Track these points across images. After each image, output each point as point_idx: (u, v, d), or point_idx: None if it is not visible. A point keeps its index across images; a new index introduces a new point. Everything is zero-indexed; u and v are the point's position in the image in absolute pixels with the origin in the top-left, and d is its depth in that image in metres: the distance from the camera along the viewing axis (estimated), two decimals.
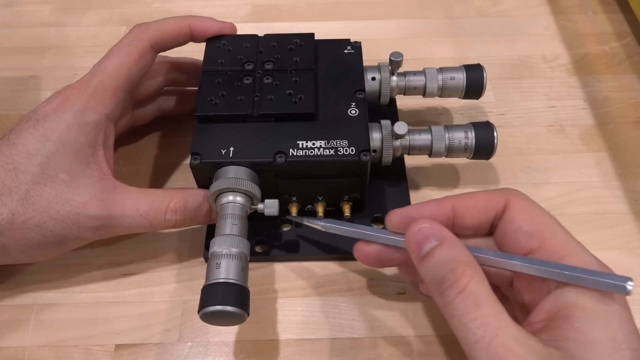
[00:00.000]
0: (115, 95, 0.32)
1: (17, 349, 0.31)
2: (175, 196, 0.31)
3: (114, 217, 0.30)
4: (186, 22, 0.34)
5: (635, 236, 0.35)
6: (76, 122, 0.30)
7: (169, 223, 0.31)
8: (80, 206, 0.29)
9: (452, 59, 0.45)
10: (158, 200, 0.31)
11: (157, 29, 0.34)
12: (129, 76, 0.32)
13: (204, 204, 0.32)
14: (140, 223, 0.31)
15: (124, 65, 0.32)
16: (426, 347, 0.31)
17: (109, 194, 0.30)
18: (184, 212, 0.31)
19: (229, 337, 0.32)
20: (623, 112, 0.42)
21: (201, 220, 0.33)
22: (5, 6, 0.51)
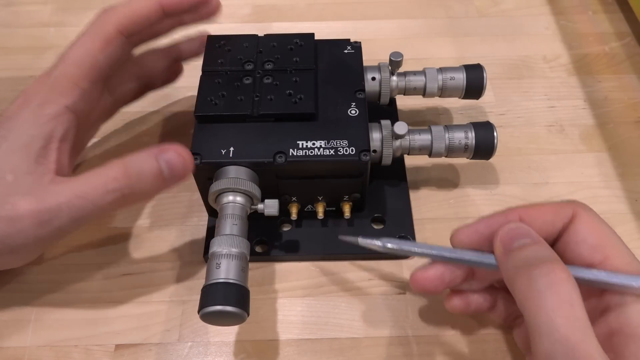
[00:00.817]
0: (77, 86, 0.30)
1: (17, 349, 0.31)
2: (112, 165, 0.28)
3: (49, 209, 0.27)
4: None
5: (635, 236, 0.35)
6: (32, 115, 0.28)
7: (112, 195, 0.27)
8: (12, 209, 0.27)
9: (452, 59, 0.45)
10: (94, 175, 0.28)
11: (123, 11, 0.31)
12: (94, 65, 0.30)
13: (147, 162, 0.28)
14: (80, 205, 0.27)
15: (87, 54, 0.30)
16: (426, 347, 0.31)
17: (45, 187, 0.27)
18: (126, 176, 0.27)
19: (229, 337, 0.32)
20: (623, 112, 0.42)
21: (151, 184, 0.28)
22: (5, 6, 0.51)
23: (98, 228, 0.36)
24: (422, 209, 0.36)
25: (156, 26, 0.33)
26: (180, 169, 0.28)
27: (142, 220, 0.36)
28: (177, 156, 0.28)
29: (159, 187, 0.29)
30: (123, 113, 0.41)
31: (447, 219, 0.36)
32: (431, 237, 0.35)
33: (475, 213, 0.36)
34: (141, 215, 0.36)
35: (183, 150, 0.29)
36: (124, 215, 0.36)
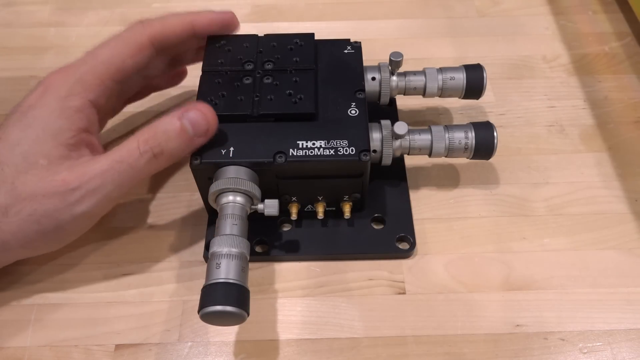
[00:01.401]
0: (102, 83, 0.31)
1: (17, 349, 0.31)
2: (142, 130, 0.30)
3: (94, 177, 0.29)
4: (188, 18, 0.34)
5: (635, 236, 0.35)
6: (58, 106, 0.30)
7: (145, 156, 0.29)
8: (61, 184, 0.29)
9: (452, 59, 0.45)
10: (127, 142, 0.30)
11: (158, 25, 0.33)
12: (121, 68, 0.32)
13: (171, 123, 0.30)
14: (121, 170, 0.29)
15: (118, 56, 0.32)
16: (425, 348, 0.31)
17: (86, 163, 0.29)
18: (154, 138, 0.30)
19: (229, 337, 0.32)
20: (623, 112, 0.42)
21: (177, 141, 0.30)
22: (5, 6, 0.51)
23: (98, 228, 0.36)
24: (422, 209, 0.36)
25: (184, 44, 0.36)
26: (203, 126, 0.30)
27: (142, 220, 0.36)
28: (199, 114, 0.30)
29: (187, 145, 0.30)
30: (124, 113, 0.41)
31: (447, 219, 0.36)
32: (431, 237, 0.35)
33: (475, 213, 0.36)
34: (141, 215, 0.36)
35: (205, 107, 0.31)
36: (124, 215, 0.36)
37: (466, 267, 0.34)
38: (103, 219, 0.36)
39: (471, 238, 0.35)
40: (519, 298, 0.32)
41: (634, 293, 0.33)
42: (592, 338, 0.31)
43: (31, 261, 0.34)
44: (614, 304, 0.32)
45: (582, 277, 0.33)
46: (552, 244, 0.35)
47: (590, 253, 0.34)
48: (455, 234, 0.35)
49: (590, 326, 0.31)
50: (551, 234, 0.35)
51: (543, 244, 0.35)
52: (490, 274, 0.33)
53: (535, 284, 0.33)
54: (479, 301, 0.32)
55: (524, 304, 0.32)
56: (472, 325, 0.32)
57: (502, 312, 0.32)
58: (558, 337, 0.31)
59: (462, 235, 0.35)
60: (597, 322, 0.32)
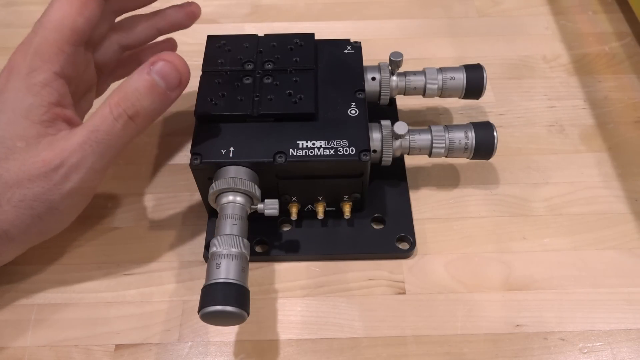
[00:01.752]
0: (62, 51, 0.29)
1: (17, 349, 0.31)
2: (112, 94, 0.29)
3: (74, 152, 0.28)
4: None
5: (635, 236, 0.35)
6: (23, 85, 0.29)
7: (121, 120, 0.28)
8: (42, 164, 0.28)
9: (452, 59, 0.45)
10: (100, 109, 0.29)
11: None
12: (74, 28, 0.30)
13: (140, 79, 0.28)
14: (98, 139, 0.28)
15: (66, 17, 0.30)
16: (425, 348, 0.31)
17: (63, 139, 0.28)
18: (126, 99, 0.28)
19: (229, 337, 0.32)
20: (623, 112, 0.42)
21: (151, 98, 0.28)
22: (5, 6, 0.51)
23: (98, 228, 0.36)
24: (422, 209, 0.36)
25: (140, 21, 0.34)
26: (174, 77, 0.28)
27: (142, 220, 0.36)
28: (168, 65, 0.28)
29: (161, 101, 0.29)
30: None
31: (447, 219, 0.36)
32: (431, 237, 0.35)
33: (475, 213, 0.36)
34: (141, 215, 0.36)
35: (173, 56, 0.29)
36: (124, 215, 0.36)
37: (466, 267, 0.34)
38: (103, 219, 0.36)
39: (471, 238, 0.35)
40: (519, 298, 0.32)
41: (634, 293, 0.33)
42: (592, 338, 0.31)
43: (31, 261, 0.34)
44: (614, 304, 0.32)
45: (582, 277, 0.33)
46: (552, 244, 0.35)
47: (590, 253, 0.34)
48: (455, 234, 0.35)
49: (590, 326, 0.31)
50: (551, 234, 0.35)
51: (543, 244, 0.35)
52: (490, 274, 0.33)
53: (535, 284, 0.33)
54: (479, 301, 0.32)
55: (524, 304, 0.32)
56: (472, 325, 0.32)
57: (502, 312, 0.32)
58: (558, 337, 0.31)
59: (462, 235, 0.35)
60: (597, 322, 0.32)
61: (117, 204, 0.37)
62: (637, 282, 0.33)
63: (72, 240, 0.35)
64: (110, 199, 0.37)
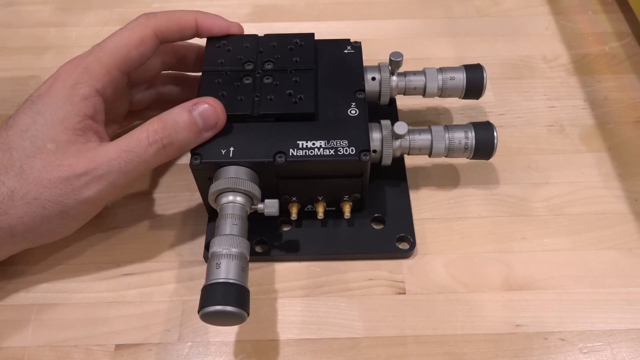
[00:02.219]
0: (108, 73, 0.32)
1: (17, 349, 0.31)
2: (152, 121, 0.31)
3: (101, 165, 0.29)
4: (193, 16, 0.35)
5: (635, 236, 0.35)
6: (65, 94, 0.30)
7: (154, 146, 0.30)
8: (67, 168, 0.29)
9: (452, 59, 0.45)
10: (137, 131, 0.30)
11: (163, 18, 0.34)
12: (127, 57, 0.32)
13: (181, 114, 0.31)
14: (128, 159, 0.30)
15: (123, 46, 0.32)
16: (425, 348, 0.31)
17: (94, 150, 0.30)
18: (164, 129, 0.30)
19: (229, 337, 0.32)
20: (623, 112, 0.42)
21: (187, 133, 0.31)
22: (5, 6, 0.51)
23: (98, 228, 0.36)
24: (422, 209, 0.36)
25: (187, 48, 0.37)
26: (212, 120, 0.31)
27: (142, 220, 0.36)
28: (209, 108, 0.31)
29: (195, 138, 0.31)
30: None
31: (447, 219, 0.36)
32: (431, 237, 0.35)
33: (475, 213, 0.36)
34: (141, 215, 0.36)
35: (214, 102, 0.31)
36: (124, 215, 0.36)
37: (466, 267, 0.34)
38: (103, 219, 0.36)
39: (471, 238, 0.35)
40: (519, 298, 0.32)
41: (634, 293, 0.33)
42: (592, 338, 0.31)
43: (31, 261, 0.34)
44: (614, 304, 0.32)
45: (582, 277, 0.33)
46: (552, 244, 0.35)
47: (590, 253, 0.34)
48: (455, 234, 0.35)
49: (590, 326, 0.31)
50: (551, 234, 0.35)
51: (543, 244, 0.35)
52: (490, 274, 0.33)
53: (535, 284, 0.33)
54: (479, 301, 0.32)
55: (524, 304, 0.32)
56: (472, 325, 0.32)
57: (502, 312, 0.32)
58: (558, 337, 0.31)
59: (462, 235, 0.35)
60: (597, 322, 0.32)
61: (117, 204, 0.37)
62: (637, 282, 0.33)
63: (72, 240, 0.35)
64: None
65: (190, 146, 0.31)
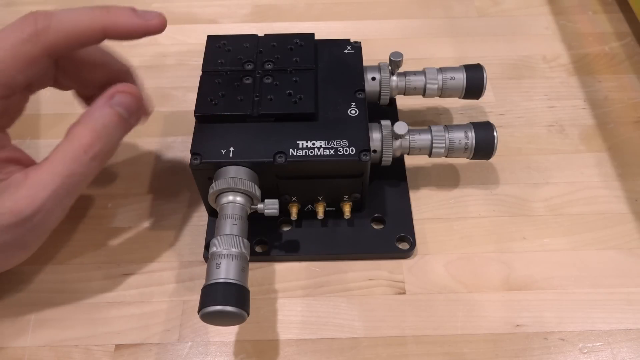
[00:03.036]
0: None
1: (17, 349, 0.31)
2: (78, 132, 0.28)
3: (48, 199, 0.27)
4: (100, 22, 0.28)
5: (635, 236, 0.35)
6: None
7: (97, 159, 0.28)
8: (10, 215, 0.26)
9: (452, 59, 0.45)
10: (68, 150, 0.27)
11: (62, 32, 0.28)
12: (10, 85, 0.27)
13: (106, 115, 0.28)
14: (73, 182, 0.27)
15: (4, 71, 0.27)
16: (425, 348, 0.31)
17: (26, 184, 0.27)
18: (99, 138, 0.28)
19: (229, 337, 0.32)
20: (623, 112, 0.42)
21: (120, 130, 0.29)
22: (5, 6, 0.51)
23: (98, 228, 0.36)
24: (422, 209, 0.36)
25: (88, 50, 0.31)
26: (134, 106, 0.30)
27: (142, 220, 0.36)
28: (125, 96, 0.29)
29: (127, 130, 0.30)
30: None
31: (447, 219, 0.36)
32: (431, 237, 0.35)
33: (475, 213, 0.36)
34: (141, 215, 0.36)
35: (128, 87, 0.30)
36: (124, 215, 0.36)
37: (466, 267, 0.34)
38: (103, 219, 0.36)
39: (471, 238, 0.35)
40: (519, 298, 0.32)
41: (634, 293, 0.33)
42: (592, 338, 0.31)
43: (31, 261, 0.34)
44: (614, 304, 0.32)
45: (582, 277, 0.33)
46: (552, 244, 0.35)
47: (590, 253, 0.34)
48: (455, 234, 0.35)
49: (590, 326, 0.31)
50: (551, 234, 0.35)
51: (543, 244, 0.35)
52: (490, 274, 0.33)
53: (535, 284, 0.33)
54: (479, 301, 0.32)
55: (524, 304, 0.32)
56: (472, 325, 0.32)
57: (502, 312, 0.32)
58: (558, 337, 0.31)
59: (462, 235, 0.35)
60: (597, 322, 0.32)
61: (117, 204, 0.37)
62: (637, 282, 0.33)
63: (72, 240, 0.35)
64: (110, 199, 0.37)
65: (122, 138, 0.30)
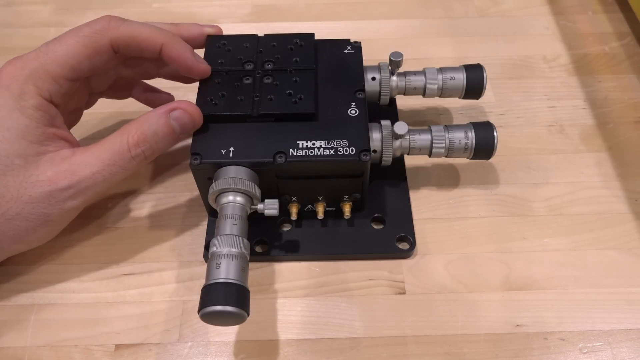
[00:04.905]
0: (55, 82, 0.31)
1: (17, 349, 0.31)
2: (130, 130, 0.30)
3: (85, 178, 0.29)
4: (161, 40, 0.32)
5: (635, 236, 0.35)
6: (16, 106, 0.29)
7: (137, 159, 0.30)
8: (49, 183, 0.29)
9: (452, 59, 0.45)
10: (116, 143, 0.30)
11: (126, 31, 0.32)
12: (76, 67, 0.31)
13: (159, 124, 0.30)
14: (112, 171, 0.30)
15: (74, 55, 0.31)
16: (425, 348, 0.31)
17: (71, 160, 0.29)
18: (145, 141, 0.30)
19: (229, 337, 0.32)
20: (623, 112, 0.42)
21: (166, 141, 0.31)
22: (5, 6, 0.51)
23: (98, 228, 0.36)
24: (422, 209, 0.36)
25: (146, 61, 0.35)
26: (189, 124, 0.31)
27: (142, 220, 0.36)
28: (186, 114, 0.31)
29: (174, 142, 0.32)
30: (123, 113, 0.41)
31: (447, 219, 0.36)
32: (431, 237, 0.35)
33: (475, 213, 0.36)
34: (141, 215, 0.36)
35: (189, 105, 0.31)
36: (124, 215, 0.36)
37: (466, 267, 0.34)
38: (103, 219, 0.36)
39: (471, 238, 0.35)
40: (519, 298, 0.32)
41: (634, 293, 0.33)
42: (592, 338, 0.31)
43: (31, 261, 0.34)
44: (614, 304, 0.32)
45: (582, 277, 0.33)
46: (552, 244, 0.35)
47: (590, 253, 0.34)
48: (455, 234, 0.35)
49: (590, 326, 0.31)
50: (551, 234, 0.35)
51: (543, 244, 0.35)
52: (490, 274, 0.33)
53: (535, 284, 0.33)
54: (479, 301, 0.32)
55: (524, 304, 0.32)
56: (472, 325, 0.32)
57: (502, 312, 0.32)
58: (558, 337, 0.31)
59: (462, 235, 0.35)
60: (597, 322, 0.32)
61: (117, 204, 0.37)
62: (637, 282, 0.33)
63: (72, 240, 0.35)
64: (110, 199, 0.37)
65: (168, 148, 0.32)
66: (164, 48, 0.32)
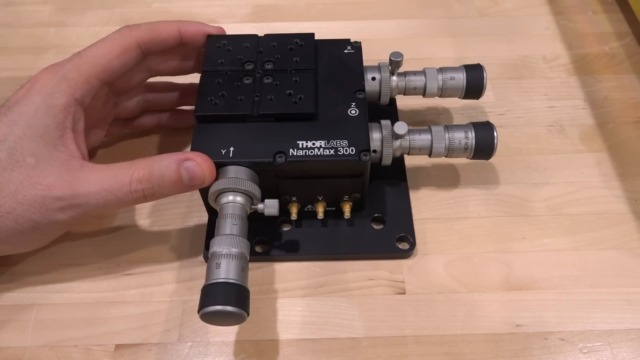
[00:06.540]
0: (87, 82, 0.31)
1: (17, 349, 0.31)
2: (138, 165, 0.30)
3: (79, 195, 0.29)
4: (175, 25, 0.35)
5: (635, 236, 0.35)
6: (44, 104, 0.30)
7: (135, 194, 0.30)
8: (45, 188, 0.29)
9: (452, 59, 0.45)
10: (121, 172, 0.30)
11: (146, 29, 0.34)
12: (107, 67, 0.32)
13: (169, 168, 0.30)
14: (107, 198, 0.29)
15: (104, 55, 0.32)
16: (425, 348, 0.31)
17: (75, 174, 0.29)
18: (149, 180, 0.29)
19: (229, 337, 0.32)
20: (623, 112, 0.42)
21: (170, 188, 0.30)
22: (5, 6, 0.51)
23: (98, 228, 0.36)
24: (422, 209, 0.36)
25: (171, 53, 0.36)
26: (199, 179, 0.30)
27: (142, 220, 0.36)
28: (197, 167, 0.30)
29: (177, 191, 0.31)
30: None
31: (447, 219, 0.36)
32: (431, 237, 0.35)
33: (475, 213, 0.36)
34: (141, 215, 0.36)
35: (204, 159, 0.30)
36: (124, 215, 0.36)
37: (466, 267, 0.34)
38: (103, 219, 0.36)
39: (471, 238, 0.35)
40: (519, 298, 0.32)
41: (634, 293, 0.33)
42: (592, 338, 0.31)
43: (31, 261, 0.34)
44: (614, 304, 0.32)
45: (582, 277, 0.33)
46: (552, 244, 0.35)
47: (590, 253, 0.34)
48: (455, 234, 0.35)
49: (590, 326, 0.31)
50: (551, 234, 0.35)
51: (543, 244, 0.35)
52: (490, 274, 0.33)
53: (535, 284, 0.33)
54: (479, 301, 0.32)
55: (524, 304, 0.32)
56: (472, 325, 0.32)
57: (502, 312, 0.32)
58: (558, 337, 0.31)
59: (462, 235, 0.35)
60: (597, 322, 0.32)
61: None
62: (637, 282, 0.33)
63: (72, 240, 0.35)
64: None
65: (169, 196, 0.31)
66: (181, 30, 0.35)
